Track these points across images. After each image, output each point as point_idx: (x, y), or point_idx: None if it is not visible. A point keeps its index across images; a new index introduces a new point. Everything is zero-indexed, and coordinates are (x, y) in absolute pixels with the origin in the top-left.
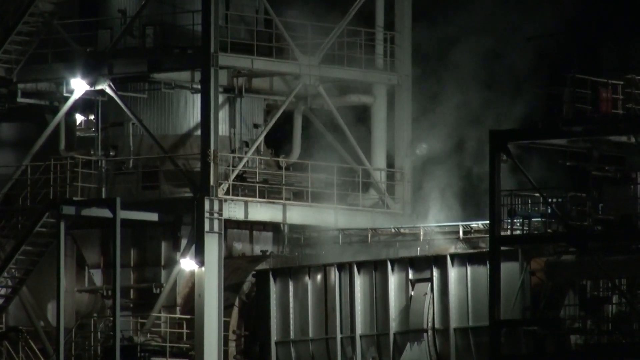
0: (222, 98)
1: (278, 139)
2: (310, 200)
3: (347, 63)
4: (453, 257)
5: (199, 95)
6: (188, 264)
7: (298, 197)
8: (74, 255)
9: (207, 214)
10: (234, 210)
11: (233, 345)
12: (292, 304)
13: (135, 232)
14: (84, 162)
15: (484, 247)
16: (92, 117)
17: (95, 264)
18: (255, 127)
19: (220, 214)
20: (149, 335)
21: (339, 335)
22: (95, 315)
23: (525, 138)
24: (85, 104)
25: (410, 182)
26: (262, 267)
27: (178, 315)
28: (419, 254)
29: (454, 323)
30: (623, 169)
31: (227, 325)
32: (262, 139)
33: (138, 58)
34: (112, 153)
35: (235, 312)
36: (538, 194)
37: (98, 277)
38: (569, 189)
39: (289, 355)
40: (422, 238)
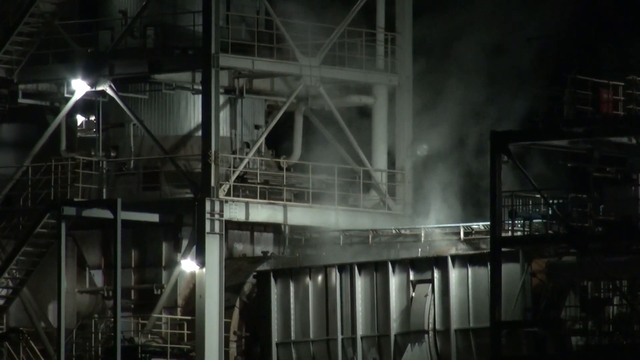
0: (223, 99)
1: (279, 140)
2: (311, 201)
3: (347, 64)
4: (454, 258)
5: (200, 96)
6: (189, 265)
7: (299, 198)
8: (75, 256)
9: (208, 215)
10: (235, 211)
11: (234, 346)
12: (293, 305)
13: (136, 233)
14: (85, 163)
15: (485, 248)
16: (92, 117)
17: (96, 265)
18: (256, 128)
19: (221, 215)
20: (150, 336)
21: (340, 336)
22: (96, 316)
23: (526, 139)
24: (86, 105)
25: (411, 183)
26: (263, 268)
27: (179, 316)
28: (420, 255)
29: (455, 324)
30: (624, 170)
31: (227, 326)
32: (263, 140)
33: (139, 59)
34: (113, 154)
35: (236, 313)
36: (539, 195)
37: (99, 277)
38: (570, 190)
39: (290, 356)
40: (423, 239)
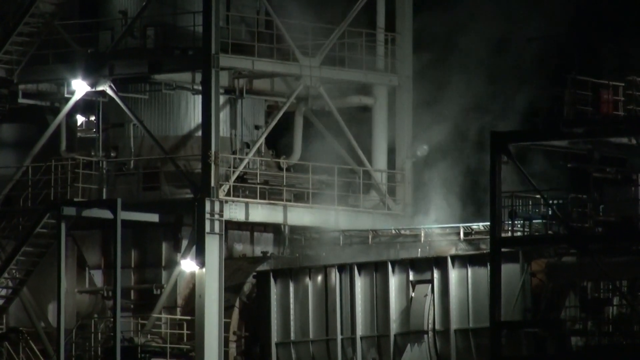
0: (223, 99)
1: (279, 140)
2: (311, 202)
3: (347, 64)
4: (454, 258)
5: (200, 96)
6: (189, 265)
7: (299, 198)
8: (75, 256)
9: (207, 215)
10: (235, 212)
11: (233, 346)
12: (292, 305)
13: (136, 233)
14: (85, 163)
15: (485, 248)
16: (93, 118)
17: (96, 265)
18: (256, 128)
19: (221, 215)
20: (150, 336)
21: (340, 337)
22: (96, 316)
23: (526, 139)
24: (86, 105)
25: (411, 183)
26: (262, 268)
27: (178, 316)
28: (420, 256)
29: (455, 324)
30: (624, 171)
31: (227, 326)
32: (262, 140)
33: (139, 59)
34: (112, 154)
35: (236, 313)
36: (539, 196)
37: (99, 278)
38: (570, 191)
39: (290, 357)
40: (422, 239)
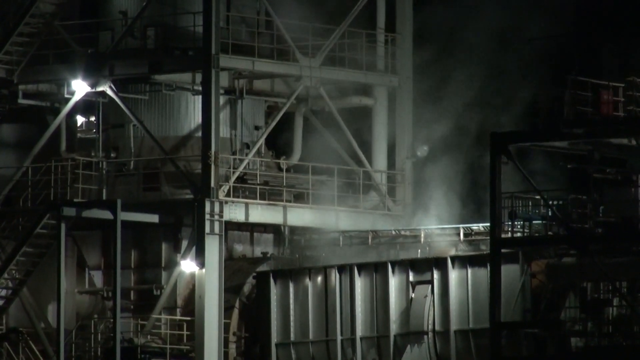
0: (223, 100)
1: (279, 141)
2: (311, 202)
3: (348, 65)
4: (454, 259)
5: (200, 97)
6: (188, 266)
7: (299, 199)
8: (75, 257)
9: (207, 216)
10: (235, 212)
11: (233, 347)
12: (292, 306)
13: (136, 233)
14: (85, 163)
15: (485, 249)
16: (93, 118)
17: (96, 266)
18: (256, 128)
19: (221, 216)
20: (149, 337)
21: (339, 337)
22: (96, 317)
23: (526, 140)
24: (86, 106)
25: (411, 184)
26: (262, 268)
27: (178, 317)
28: (420, 256)
29: (455, 325)
30: (624, 171)
31: (227, 327)
32: (262, 141)
33: (139, 59)
34: (112, 154)
35: (236, 313)
36: (539, 196)
37: (98, 278)
38: (570, 191)
39: (289, 357)
40: (422, 240)
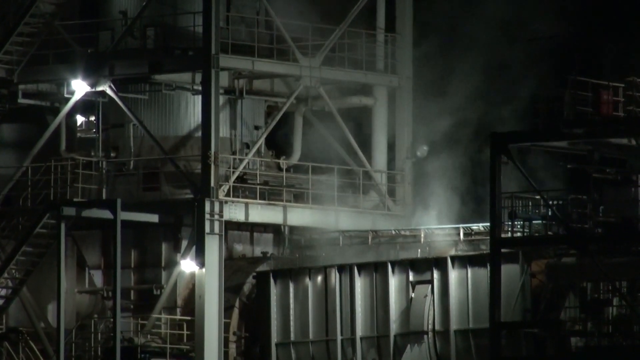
0: (222, 99)
1: (279, 141)
2: (311, 202)
3: (347, 65)
4: (453, 259)
5: (200, 97)
6: (188, 266)
7: (299, 198)
8: (75, 256)
9: (207, 216)
10: (235, 212)
11: (233, 347)
12: (292, 306)
13: (136, 233)
14: (85, 163)
15: (485, 249)
16: (92, 118)
17: (96, 265)
18: (256, 128)
19: (221, 216)
20: (149, 337)
21: (340, 337)
22: (96, 317)
23: (526, 140)
24: (86, 105)
25: (411, 184)
26: (262, 268)
27: (178, 317)
28: (420, 256)
29: (455, 325)
30: (624, 171)
31: (227, 327)
32: (262, 141)
33: (139, 59)
34: (112, 154)
35: (236, 313)
36: (539, 196)
37: (98, 278)
38: (570, 191)
39: (289, 357)
40: (422, 240)
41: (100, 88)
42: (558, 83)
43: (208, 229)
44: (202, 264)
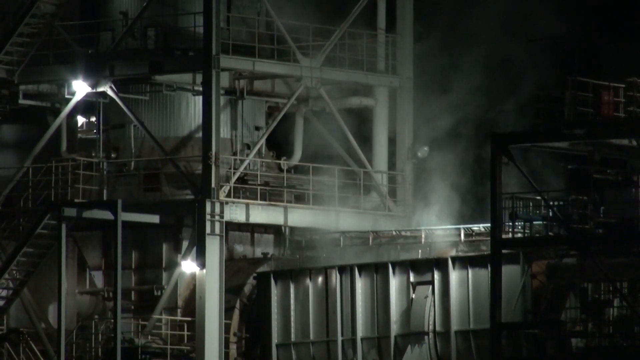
0: (223, 100)
1: (279, 142)
2: (312, 203)
3: (348, 65)
4: (454, 259)
5: (201, 97)
6: (189, 266)
7: (299, 199)
8: (75, 257)
9: (208, 216)
10: (235, 213)
11: (234, 348)
12: (293, 307)
13: (137, 234)
14: (85, 164)
15: (486, 250)
16: (93, 118)
17: (97, 266)
18: (257, 129)
19: (222, 216)
20: (150, 338)
21: (340, 338)
22: (96, 317)
23: (527, 141)
24: (87, 106)
25: (412, 184)
26: (263, 269)
27: (179, 318)
28: (420, 257)
29: (455, 326)
30: (624, 172)
31: (228, 328)
32: (263, 141)
33: (139, 60)
34: (113, 155)
35: (236, 314)
36: (539, 197)
37: (99, 279)
38: (570, 192)
39: (290, 358)
40: (423, 241)
41: (101, 89)
42: (559, 83)
43: (209, 230)
44: (202, 265)
